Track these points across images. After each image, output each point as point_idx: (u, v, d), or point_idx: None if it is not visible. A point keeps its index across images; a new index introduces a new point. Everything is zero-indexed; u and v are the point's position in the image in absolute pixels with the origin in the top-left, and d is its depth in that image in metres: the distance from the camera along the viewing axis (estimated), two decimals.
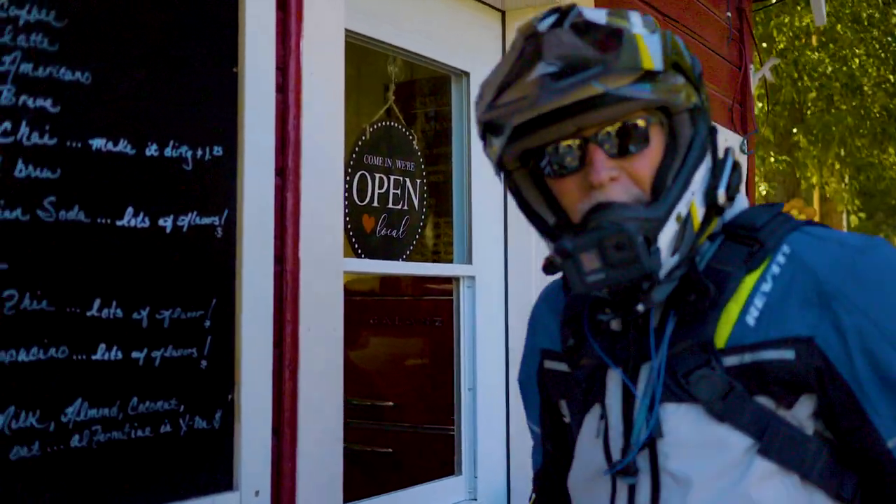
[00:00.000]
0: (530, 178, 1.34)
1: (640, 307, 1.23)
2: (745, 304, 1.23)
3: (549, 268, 1.33)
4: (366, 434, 3.82)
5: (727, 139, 4.78)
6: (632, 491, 1.26)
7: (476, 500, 2.90)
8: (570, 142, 1.23)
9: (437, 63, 2.87)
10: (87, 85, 1.62)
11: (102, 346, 1.64)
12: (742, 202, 1.34)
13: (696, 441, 1.22)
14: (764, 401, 1.21)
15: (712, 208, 1.26)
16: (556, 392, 1.47)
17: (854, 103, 12.07)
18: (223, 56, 1.89)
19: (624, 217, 1.19)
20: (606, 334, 1.33)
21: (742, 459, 1.20)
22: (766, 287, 1.23)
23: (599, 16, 1.23)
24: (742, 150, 4.95)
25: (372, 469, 3.73)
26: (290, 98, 2.03)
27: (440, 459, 3.27)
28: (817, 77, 12.04)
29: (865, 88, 12.17)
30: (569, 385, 1.41)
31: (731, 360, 1.21)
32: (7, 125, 1.50)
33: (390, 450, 3.83)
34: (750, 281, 1.24)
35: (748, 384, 1.20)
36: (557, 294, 1.51)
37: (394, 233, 2.80)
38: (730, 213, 1.32)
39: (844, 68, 11.91)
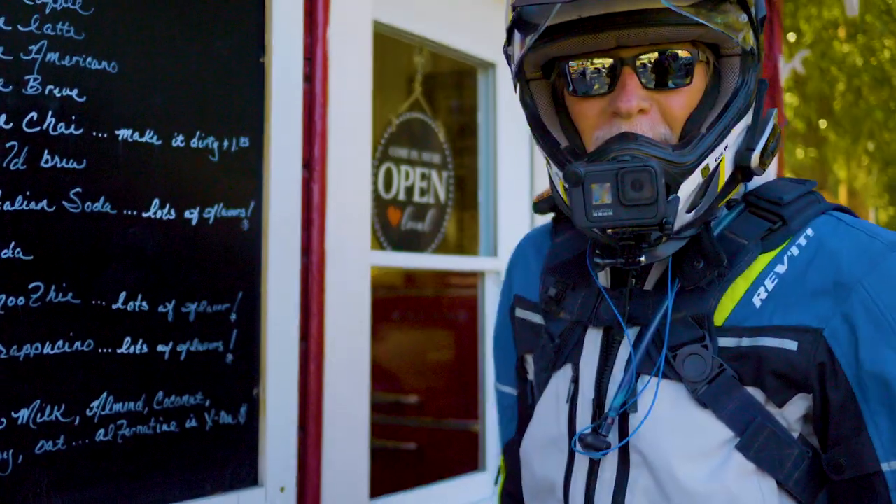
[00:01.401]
0: (549, 91, 1.21)
1: (643, 258, 1.10)
2: (754, 282, 1.10)
3: (540, 205, 1.22)
4: (390, 430, 3.80)
5: None
6: (593, 466, 1.14)
7: None
8: (603, 60, 1.11)
9: (463, 54, 2.84)
10: (114, 74, 1.60)
11: (128, 339, 1.62)
12: (769, 172, 1.25)
13: (672, 422, 1.09)
14: (754, 392, 1.09)
15: (740, 171, 1.13)
16: (523, 345, 1.34)
17: (883, 97, 11.93)
18: (250, 46, 1.86)
19: (648, 153, 1.05)
20: (592, 287, 1.20)
21: (719, 451, 1.08)
22: (781, 268, 1.11)
23: None
24: None
25: (396, 465, 3.71)
26: (317, 88, 2.00)
27: (465, 455, 3.25)
28: (846, 69, 11.91)
29: (894, 81, 12.02)
30: (539, 339, 1.28)
31: (726, 341, 1.09)
32: (33, 115, 1.48)
33: (414, 445, 3.81)
34: (764, 259, 1.12)
35: (741, 371, 1.09)
36: (544, 238, 1.37)
37: (419, 226, 2.77)
38: (755, 182, 1.20)
39: (873, 60, 11.77)
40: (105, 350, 1.58)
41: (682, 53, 1.09)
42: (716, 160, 1.09)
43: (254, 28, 1.87)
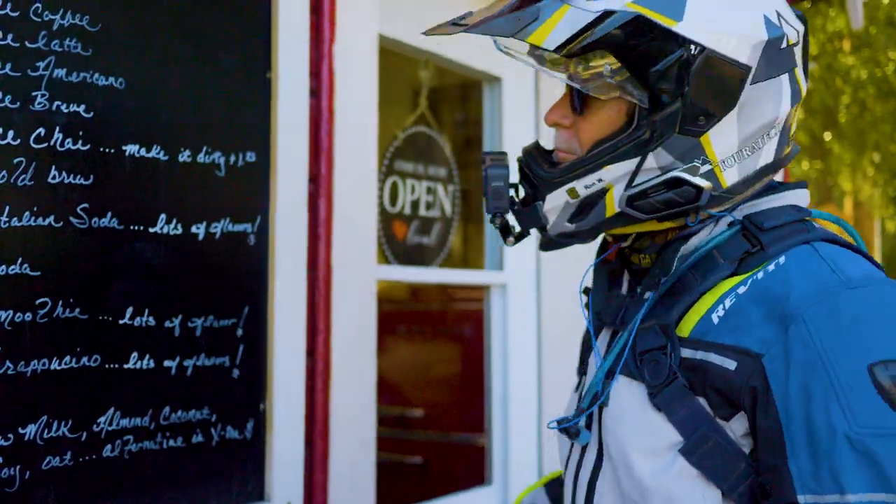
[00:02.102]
0: None
1: (509, 241, 1.28)
2: (717, 300, 1.14)
3: None
4: (396, 444, 3.79)
5: None
6: (583, 453, 1.26)
7: None
8: (564, 70, 1.19)
9: (469, 68, 2.84)
10: (121, 90, 1.61)
11: (135, 354, 1.62)
12: (782, 200, 1.22)
13: (634, 419, 1.16)
14: (703, 403, 1.12)
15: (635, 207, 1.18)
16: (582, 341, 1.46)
17: (888, 109, 11.92)
18: (257, 61, 1.87)
19: (527, 163, 1.23)
20: (612, 290, 1.30)
21: (667, 452, 1.12)
22: (742, 289, 1.13)
23: None
24: None
25: (402, 479, 3.70)
26: (322, 103, 2.01)
27: (471, 470, 3.24)
28: (850, 82, 11.91)
29: None
30: (584, 335, 1.41)
31: (686, 352, 1.14)
32: (41, 131, 1.49)
33: (420, 460, 3.80)
34: (733, 280, 1.15)
35: (692, 381, 1.12)
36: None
37: (425, 240, 2.77)
38: (763, 205, 1.21)
39: (878, 72, 11.77)
40: (112, 365, 1.58)
41: (595, 85, 1.17)
42: (586, 188, 1.18)
43: (260, 44, 1.88)
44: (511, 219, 1.28)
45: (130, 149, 1.62)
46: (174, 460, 1.67)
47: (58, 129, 1.51)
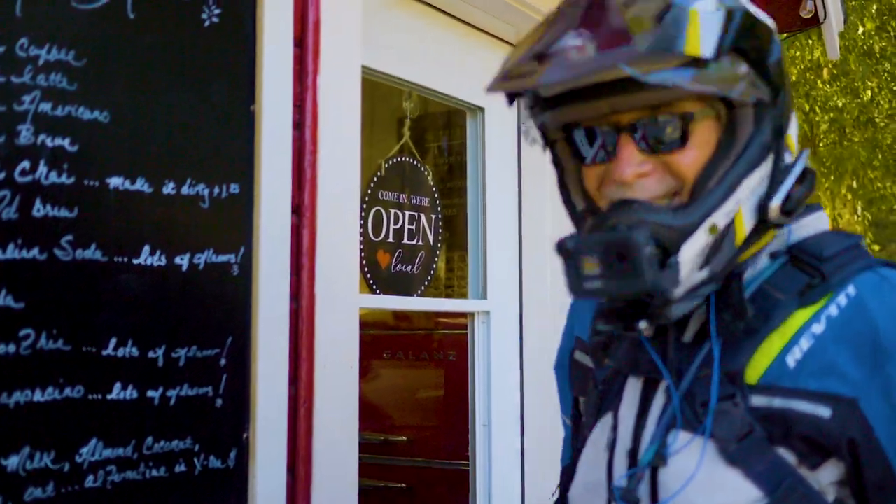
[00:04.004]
0: (570, 152, 1.17)
1: (642, 325, 1.07)
2: (789, 340, 1.05)
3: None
4: (380, 470, 3.79)
5: None
6: None
7: None
8: (602, 127, 1.09)
9: (452, 99, 2.88)
10: (106, 124, 1.62)
11: (118, 385, 1.63)
12: (820, 222, 1.16)
13: (700, 479, 1.05)
14: (785, 454, 1.04)
15: (763, 222, 1.08)
16: (578, 388, 1.31)
17: (866, 136, 12.05)
18: (241, 94, 1.89)
19: (643, 220, 1.03)
20: (632, 338, 1.17)
21: None
22: (819, 328, 1.05)
23: None
24: None
25: None
26: (306, 135, 2.03)
27: (454, 495, 3.24)
28: (829, 110, 12.04)
29: (878, 121, 12.16)
30: (588, 383, 1.26)
31: (759, 400, 1.04)
32: (25, 164, 1.50)
33: (404, 485, 3.80)
34: (802, 316, 1.06)
35: (771, 431, 1.04)
36: None
37: (408, 268, 2.79)
38: (803, 233, 1.14)
39: (856, 101, 11.91)
40: (95, 396, 1.59)
41: (680, 114, 1.06)
42: (726, 216, 1.05)
43: (244, 76, 1.90)
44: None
45: (115, 181, 1.64)
46: (157, 490, 1.68)
47: (42, 162, 1.52)
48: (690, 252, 1.03)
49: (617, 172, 1.07)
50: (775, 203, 1.07)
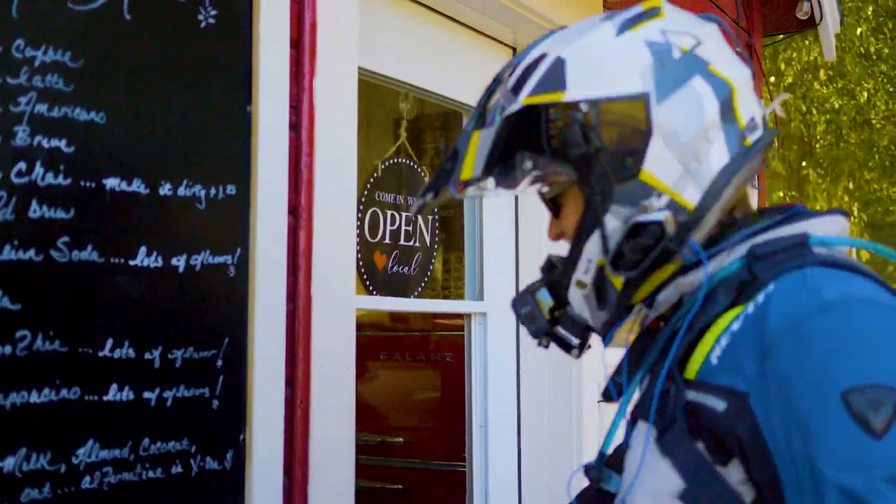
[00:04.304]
0: None
1: (574, 352, 1.27)
2: (717, 339, 1.08)
3: None
4: (377, 471, 3.79)
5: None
6: (604, 500, 1.27)
7: None
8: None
9: (448, 100, 2.88)
10: (102, 125, 1.62)
11: (114, 386, 1.62)
12: (800, 226, 1.15)
13: (646, 463, 1.11)
14: (701, 448, 1.05)
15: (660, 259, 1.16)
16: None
17: (863, 137, 12.07)
18: (237, 95, 1.89)
19: (547, 279, 1.28)
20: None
21: (669, 500, 1.07)
22: (736, 325, 1.07)
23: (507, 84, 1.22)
24: (752, 185, 4.94)
25: None
26: (303, 136, 2.03)
27: (451, 496, 3.24)
28: (826, 111, 12.06)
29: (874, 122, 12.18)
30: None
31: (691, 394, 1.08)
32: (22, 165, 1.50)
33: (401, 487, 3.80)
34: (729, 315, 1.09)
35: (692, 425, 1.06)
36: None
37: (405, 269, 2.79)
38: (773, 234, 1.15)
39: (853, 102, 11.93)
40: (91, 397, 1.59)
41: (547, 189, 1.27)
42: (585, 273, 1.20)
43: (241, 78, 1.90)
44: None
45: (111, 183, 1.64)
46: (153, 492, 1.68)
47: (39, 163, 1.52)
48: (575, 301, 1.23)
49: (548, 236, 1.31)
50: (608, 266, 1.17)
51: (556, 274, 1.25)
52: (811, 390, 0.97)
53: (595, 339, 1.28)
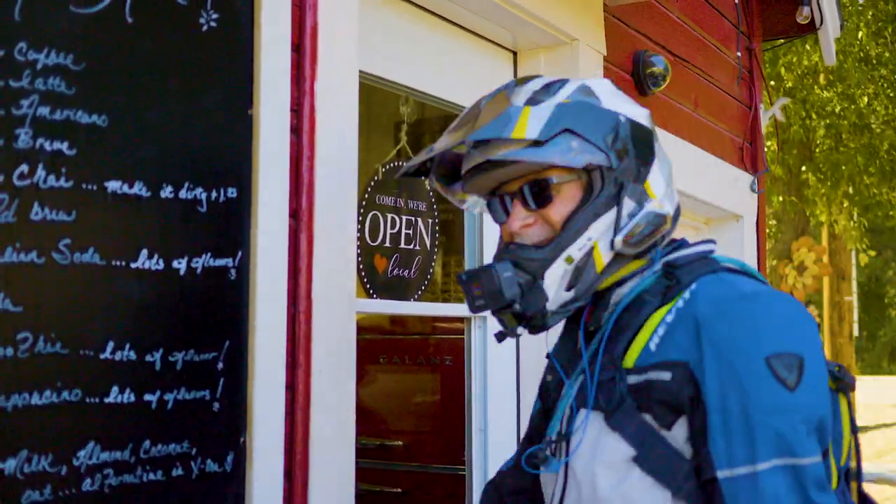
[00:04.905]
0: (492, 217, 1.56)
1: (519, 330, 1.45)
2: (653, 331, 1.39)
3: None
4: (376, 474, 3.79)
5: (737, 178, 4.78)
6: (556, 484, 1.46)
7: None
8: (504, 194, 1.48)
9: (449, 103, 2.88)
10: (104, 128, 1.63)
11: (115, 388, 1.63)
12: (693, 248, 1.50)
13: (593, 442, 1.38)
14: (648, 418, 1.35)
15: (621, 253, 1.45)
16: (546, 397, 1.66)
17: (863, 142, 12.08)
18: (239, 98, 1.90)
19: (514, 255, 1.42)
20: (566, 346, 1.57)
21: (623, 465, 1.35)
22: (670, 318, 1.39)
23: (528, 88, 1.46)
24: (752, 189, 4.95)
25: None
26: (304, 140, 2.04)
27: (451, 500, 3.24)
28: (826, 115, 12.06)
29: (874, 127, 12.18)
30: (548, 390, 1.64)
31: (632, 379, 1.38)
32: (24, 168, 1.50)
33: (400, 490, 3.80)
34: (661, 312, 1.40)
35: (639, 401, 1.36)
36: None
37: (406, 273, 2.79)
38: (679, 254, 1.49)
39: (853, 107, 11.94)
40: (92, 399, 1.59)
41: (546, 179, 1.43)
42: (580, 250, 1.41)
43: (242, 81, 1.91)
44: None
45: (113, 185, 1.64)
46: (154, 494, 1.68)
47: (41, 166, 1.53)
48: (552, 277, 1.41)
49: (509, 225, 1.47)
50: (618, 238, 1.42)
51: (541, 251, 1.41)
52: (742, 356, 1.30)
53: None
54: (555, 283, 1.41)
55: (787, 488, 1.25)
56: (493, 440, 2.95)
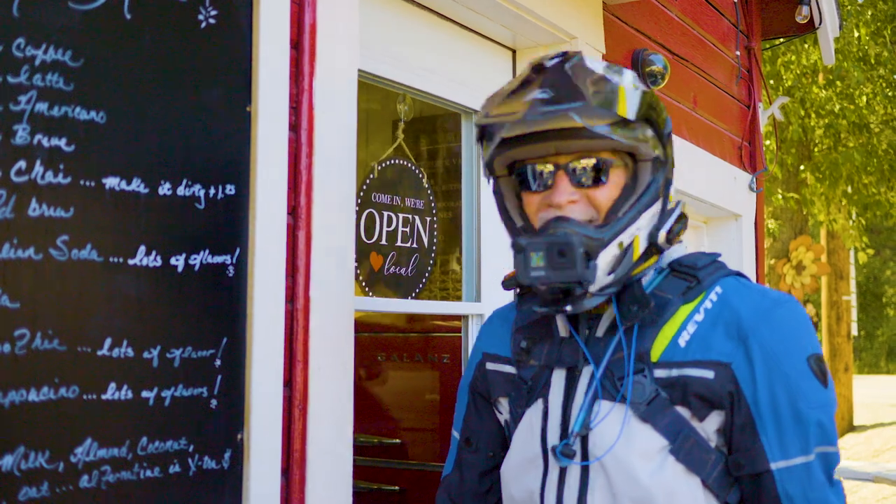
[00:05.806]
0: (513, 184, 1.57)
1: (569, 308, 1.43)
2: (679, 328, 1.47)
3: (508, 282, 1.56)
4: (374, 472, 3.79)
5: (736, 177, 4.78)
6: (562, 475, 1.48)
7: None
8: (545, 165, 1.47)
9: (447, 101, 2.88)
10: (102, 124, 1.63)
11: (113, 385, 1.63)
12: (687, 248, 1.60)
13: (626, 433, 1.43)
14: (682, 410, 1.44)
15: (653, 246, 1.50)
16: (498, 390, 1.66)
17: (861, 141, 12.08)
18: (237, 95, 1.89)
19: (574, 231, 1.41)
20: (555, 339, 1.57)
21: (657, 455, 1.43)
22: (699, 317, 1.47)
23: (598, 66, 1.45)
24: (751, 188, 4.95)
25: None
26: (302, 137, 2.04)
27: None
28: (824, 115, 12.06)
29: (872, 126, 12.18)
30: (513, 384, 1.61)
31: (660, 373, 1.45)
32: (22, 164, 1.50)
33: (398, 488, 3.80)
34: (685, 310, 1.48)
35: (671, 394, 1.44)
36: (510, 310, 1.74)
37: (402, 271, 2.79)
38: (676, 255, 1.57)
39: (851, 106, 11.94)
40: (90, 396, 1.59)
41: (604, 161, 1.45)
42: (629, 237, 1.44)
43: (241, 78, 1.91)
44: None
45: (111, 182, 1.64)
46: (151, 491, 1.68)
47: (39, 162, 1.53)
48: (605, 259, 1.42)
49: (555, 198, 1.45)
50: (663, 232, 1.49)
51: (601, 231, 1.42)
52: (789, 357, 1.44)
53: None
54: (605, 266, 1.42)
55: (824, 473, 1.43)
56: None
